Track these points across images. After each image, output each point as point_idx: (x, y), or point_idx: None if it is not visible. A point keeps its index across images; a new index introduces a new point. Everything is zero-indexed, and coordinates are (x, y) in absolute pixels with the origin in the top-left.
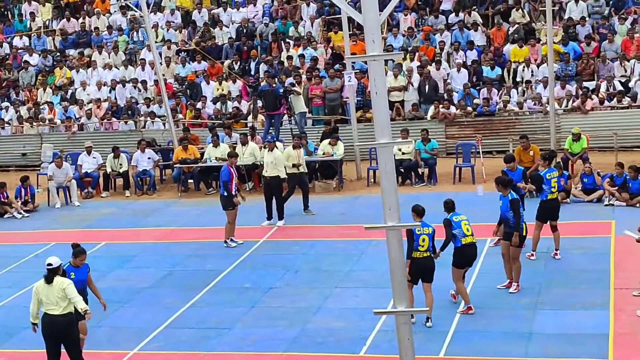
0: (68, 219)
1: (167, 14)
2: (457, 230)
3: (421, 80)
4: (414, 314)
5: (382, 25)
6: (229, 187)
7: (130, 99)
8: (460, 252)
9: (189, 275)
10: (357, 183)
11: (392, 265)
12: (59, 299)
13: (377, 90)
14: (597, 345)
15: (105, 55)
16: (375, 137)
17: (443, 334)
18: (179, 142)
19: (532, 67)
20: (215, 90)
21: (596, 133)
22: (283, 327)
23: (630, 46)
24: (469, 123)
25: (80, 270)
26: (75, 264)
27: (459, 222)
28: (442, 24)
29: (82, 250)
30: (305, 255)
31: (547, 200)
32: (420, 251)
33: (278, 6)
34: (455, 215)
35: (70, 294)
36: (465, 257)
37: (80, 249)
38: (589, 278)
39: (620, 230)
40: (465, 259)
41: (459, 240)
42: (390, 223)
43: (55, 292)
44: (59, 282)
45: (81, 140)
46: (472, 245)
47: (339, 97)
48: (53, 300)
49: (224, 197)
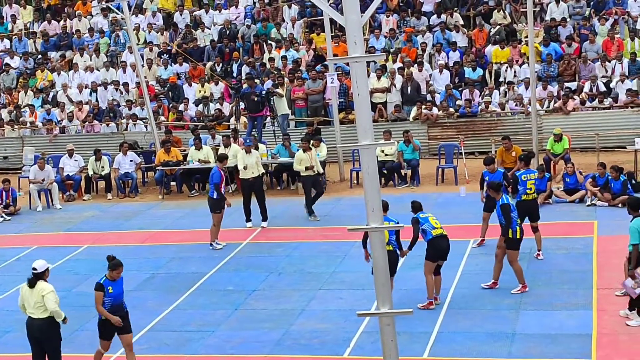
0: (50, 222)
1: (148, 16)
2: (426, 224)
3: (403, 82)
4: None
5: (364, 26)
6: (219, 189)
7: (112, 101)
8: (432, 244)
9: (172, 278)
10: (340, 184)
11: (375, 266)
12: (38, 304)
13: (360, 92)
14: (580, 345)
15: (86, 57)
16: (358, 138)
17: (427, 335)
18: (161, 144)
19: (513, 68)
20: (198, 92)
21: (578, 134)
22: (267, 330)
23: (611, 47)
24: (451, 124)
25: (117, 283)
26: (112, 277)
27: (426, 217)
28: (424, 26)
29: (119, 263)
30: (289, 257)
31: (522, 201)
32: None
33: (260, 8)
34: (421, 213)
35: (48, 303)
36: (439, 248)
37: (117, 262)
38: (571, 278)
39: (603, 231)
40: (438, 251)
41: (429, 233)
42: (374, 224)
43: (35, 297)
44: (40, 289)
45: (63, 143)
46: (443, 236)
47: (321, 99)
48: (32, 304)
49: (212, 199)
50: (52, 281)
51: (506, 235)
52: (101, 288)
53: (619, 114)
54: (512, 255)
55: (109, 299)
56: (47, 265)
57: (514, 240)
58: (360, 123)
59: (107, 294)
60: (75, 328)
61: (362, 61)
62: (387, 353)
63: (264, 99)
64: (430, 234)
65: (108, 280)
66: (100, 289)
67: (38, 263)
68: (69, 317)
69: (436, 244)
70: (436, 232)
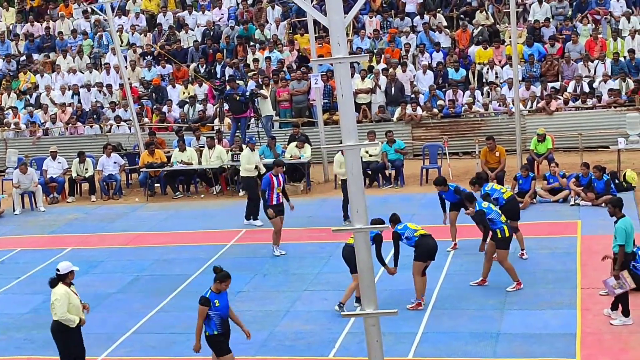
0: (34, 225)
1: (131, 17)
2: (407, 231)
3: (387, 83)
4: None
5: (348, 27)
6: (265, 196)
7: (95, 103)
8: (419, 244)
9: (156, 280)
10: (324, 185)
11: (360, 267)
12: (52, 306)
13: (344, 93)
14: (565, 344)
15: (69, 59)
16: (342, 139)
17: (412, 335)
18: (145, 146)
19: (496, 69)
20: (181, 93)
21: (561, 134)
22: (252, 331)
23: (594, 47)
24: (435, 124)
25: (222, 296)
26: (218, 290)
27: (404, 226)
28: (408, 26)
29: (227, 275)
30: (274, 258)
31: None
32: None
33: (243, 9)
34: (399, 225)
35: (56, 309)
36: (428, 247)
37: (225, 273)
38: (555, 278)
39: (587, 230)
40: (427, 251)
41: (413, 238)
42: (358, 225)
43: (51, 298)
44: (54, 292)
45: (46, 145)
46: (427, 235)
47: (305, 100)
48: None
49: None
50: (36, 284)
51: (495, 237)
52: (207, 302)
53: (602, 114)
54: (501, 254)
55: (216, 313)
56: (71, 268)
57: (502, 240)
58: (344, 124)
59: (213, 308)
60: None
61: (346, 62)
62: (372, 354)
63: (248, 100)
64: (414, 237)
65: (214, 294)
66: (206, 303)
67: (62, 265)
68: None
69: (425, 243)
70: (419, 233)
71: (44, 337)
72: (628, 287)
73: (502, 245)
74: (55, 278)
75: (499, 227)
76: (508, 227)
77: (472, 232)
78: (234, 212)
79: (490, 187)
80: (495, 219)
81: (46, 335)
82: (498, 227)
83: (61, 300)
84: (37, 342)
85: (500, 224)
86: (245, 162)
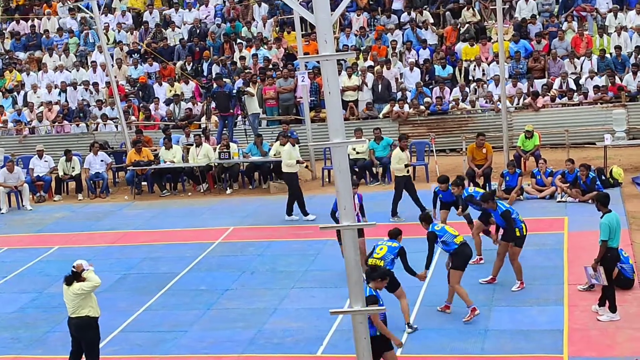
0: (20, 223)
1: (118, 15)
2: (446, 235)
3: (374, 80)
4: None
5: (334, 25)
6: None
7: (82, 101)
8: (459, 252)
9: (143, 278)
10: (311, 183)
11: (347, 264)
12: (75, 302)
13: (330, 90)
14: (552, 340)
15: (56, 57)
16: (329, 136)
17: (400, 332)
18: (132, 144)
19: (483, 66)
20: (168, 91)
21: (547, 130)
22: (240, 329)
23: (580, 43)
24: (422, 122)
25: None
26: (377, 288)
27: (442, 228)
28: (394, 24)
29: (387, 272)
30: (261, 256)
31: None
32: (375, 258)
33: (230, 7)
34: (435, 225)
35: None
36: (466, 256)
37: (386, 270)
38: (543, 274)
39: (573, 227)
40: (465, 261)
41: (453, 244)
42: (346, 222)
43: (72, 295)
44: (77, 287)
45: (32, 143)
46: (466, 243)
47: (292, 98)
48: (69, 302)
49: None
50: (23, 283)
51: (513, 236)
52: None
53: (589, 111)
54: (516, 252)
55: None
56: (87, 267)
57: (520, 238)
58: (331, 121)
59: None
60: (47, 330)
61: (333, 59)
62: (360, 351)
63: (234, 98)
64: (454, 244)
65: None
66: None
67: (78, 262)
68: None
69: (463, 252)
70: (458, 240)
71: (31, 336)
72: (601, 282)
73: (519, 243)
74: (70, 275)
75: (518, 226)
76: (525, 226)
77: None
78: (221, 210)
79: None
80: (516, 218)
81: (33, 334)
82: (517, 225)
83: (90, 281)
84: (24, 341)
85: (519, 223)
86: (287, 158)
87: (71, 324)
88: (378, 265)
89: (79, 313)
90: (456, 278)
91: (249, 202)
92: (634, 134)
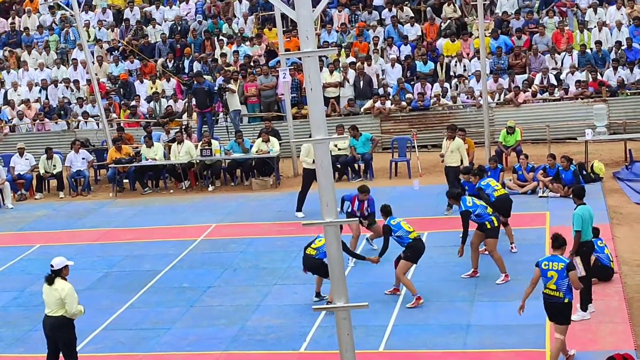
0: (1, 222)
1: (98, 12)
2: (400, 231)
3: (356, 76)
4: None
5: (316, 21)
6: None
7: (62, 99)
8: (412, 246)
9: (125, 276)
10: (294, 180)
11: (330, 260)
12: (56, 302)
13: (312, 87)
14: (534, 335)
15: (36, 55)
16: (311, 133)
17: (382, 328)
18: (113, 142)
19: (464, 62)
20: (149, 89)
21: (529, 125)
22: (222, 326)
23: (560, 39)
24: (404, 118)
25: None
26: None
27: (398, 224)
28: (375, 20)
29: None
30: (243, 253)
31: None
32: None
33: (211, 3)
34: (392, 219)
35: (69, 306)
36: (419, 251)
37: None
38: (524, 269)
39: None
40: (418, 255)
41: (407, 239)
42: (328, 219)
43: (53, 295)
44: (60, 288)
45: (13, 141)
46: (419, 239)
47: (274, 94)
48: (50, 302)
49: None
50: (4, 282)
51: (484, 228)
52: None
53: (569, 106)
54: (491, 243)
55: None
56: (65, 262)
57: (491, 229)
58: (313, 118)
59: None
60: (29, 328)
61: (315, 56)
62: (343, 347)
63: (216, 95)
64: (408, 239)
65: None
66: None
67: (55, 260)
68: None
69: (416, 247)
70: (412, 236)
71: (13, 334)
72: (579, 273)
73: (492, 234)
74: (51, 274)
75: (487, 220)
76: (497, 218)
77: (443, 225)
78: (203, 208)
79: (486, 183)
80: (482, 213)
81: (15, 332)
82: (486, 219)
83: (72, 296)
84: (6, 340)
85: (488, 217)
86: (305, 154)
87: (46, 323)
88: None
89: (55, 312)
90: (403, 268)
91: (231, 199)
92: (615, 128)
